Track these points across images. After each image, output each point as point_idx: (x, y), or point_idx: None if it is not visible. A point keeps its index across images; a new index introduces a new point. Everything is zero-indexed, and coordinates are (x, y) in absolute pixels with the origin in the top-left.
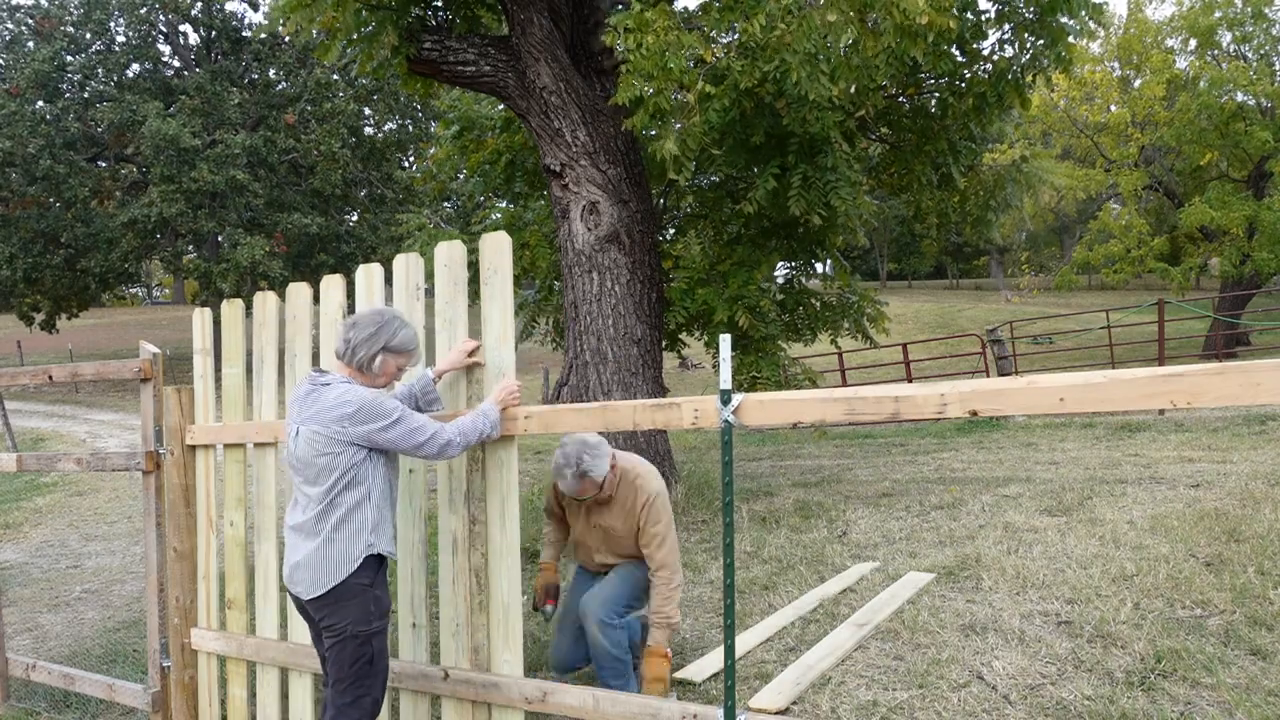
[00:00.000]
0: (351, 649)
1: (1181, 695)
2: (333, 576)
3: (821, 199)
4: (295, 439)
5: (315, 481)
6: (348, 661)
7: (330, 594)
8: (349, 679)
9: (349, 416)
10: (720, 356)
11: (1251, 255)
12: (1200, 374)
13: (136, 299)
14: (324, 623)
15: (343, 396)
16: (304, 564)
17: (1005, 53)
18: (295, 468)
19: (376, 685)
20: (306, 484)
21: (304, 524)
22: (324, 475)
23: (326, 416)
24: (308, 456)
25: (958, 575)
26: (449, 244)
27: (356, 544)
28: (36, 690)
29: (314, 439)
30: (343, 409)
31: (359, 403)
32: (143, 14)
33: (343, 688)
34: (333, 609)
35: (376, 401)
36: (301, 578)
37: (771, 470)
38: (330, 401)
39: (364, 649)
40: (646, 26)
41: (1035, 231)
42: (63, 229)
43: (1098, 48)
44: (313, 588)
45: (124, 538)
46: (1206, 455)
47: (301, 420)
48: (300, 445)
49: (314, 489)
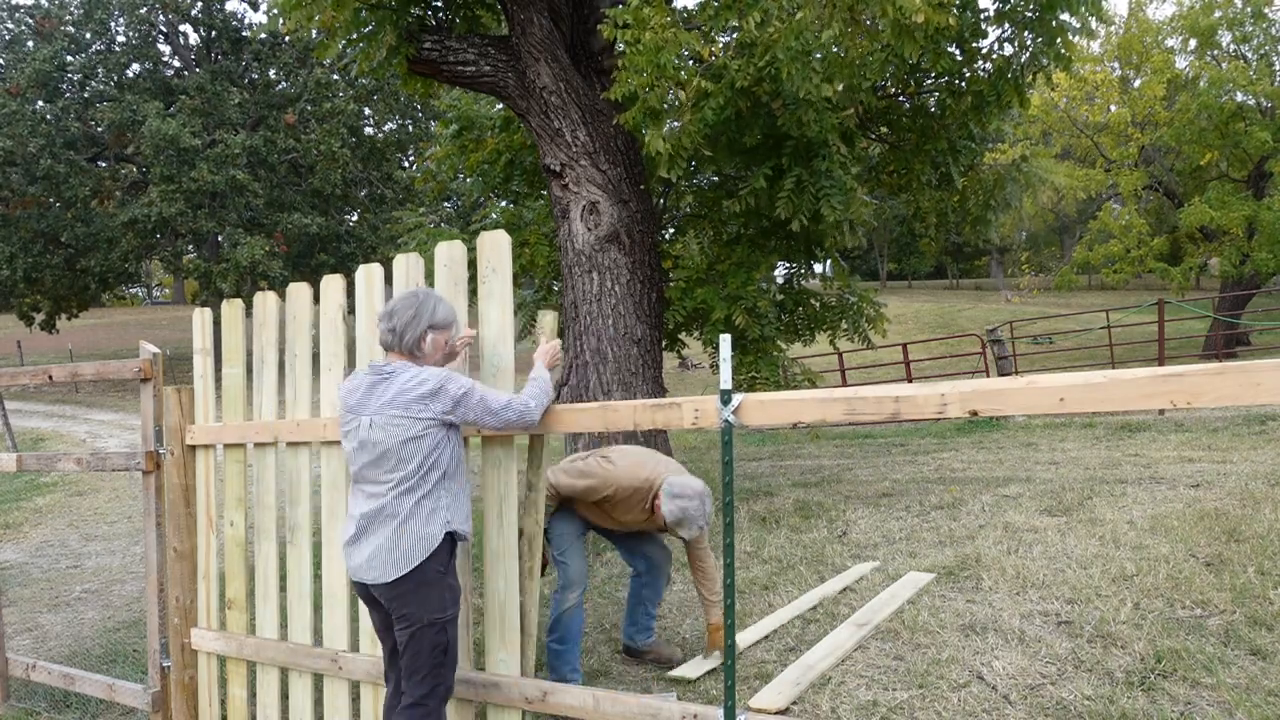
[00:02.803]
0: (429, 638)
1: (1181, 695)
2: (409, 560)
3: (811, 205)
4: (368, 429)
5: (396, 467)
6: (426, 650)
7: (408, 579)
8: (426, 668)
9: (431, 394)
10: (720, 356)
11: (1251, 255)
12: (1200, 374)
13: (136, 299)
14: (398, 611)
15: (418, 376)
16: (380, 549)
17: (1005, 51)
18: (366, 459)
19: (450, 673)
20: (383, 471)
21: (376, 511)
22: (407, 459)
23: (406, 398)
24: (389, 443)
25: (958, 575)
26: (449, 243)
27: (434, 524)
28: (36, 690)
29: (395, 423)
30: (421, 388)
31: (437, 380)
32: (143, 14)
33: (420, 678)
34: (409, 597)
35: (451, 376)
36: (376, 563)
37: (771, 470)
38: (406, 384)
39: (440, 637)
40: (644, 23)
41: (1035, 231)
42: (63, 229)
43: (1098, 47)
44: (388, 571)
45: (124, 538)
46: (1206, 455)
47: (374, 410)
48: (378, 433)
49: (394, 474)
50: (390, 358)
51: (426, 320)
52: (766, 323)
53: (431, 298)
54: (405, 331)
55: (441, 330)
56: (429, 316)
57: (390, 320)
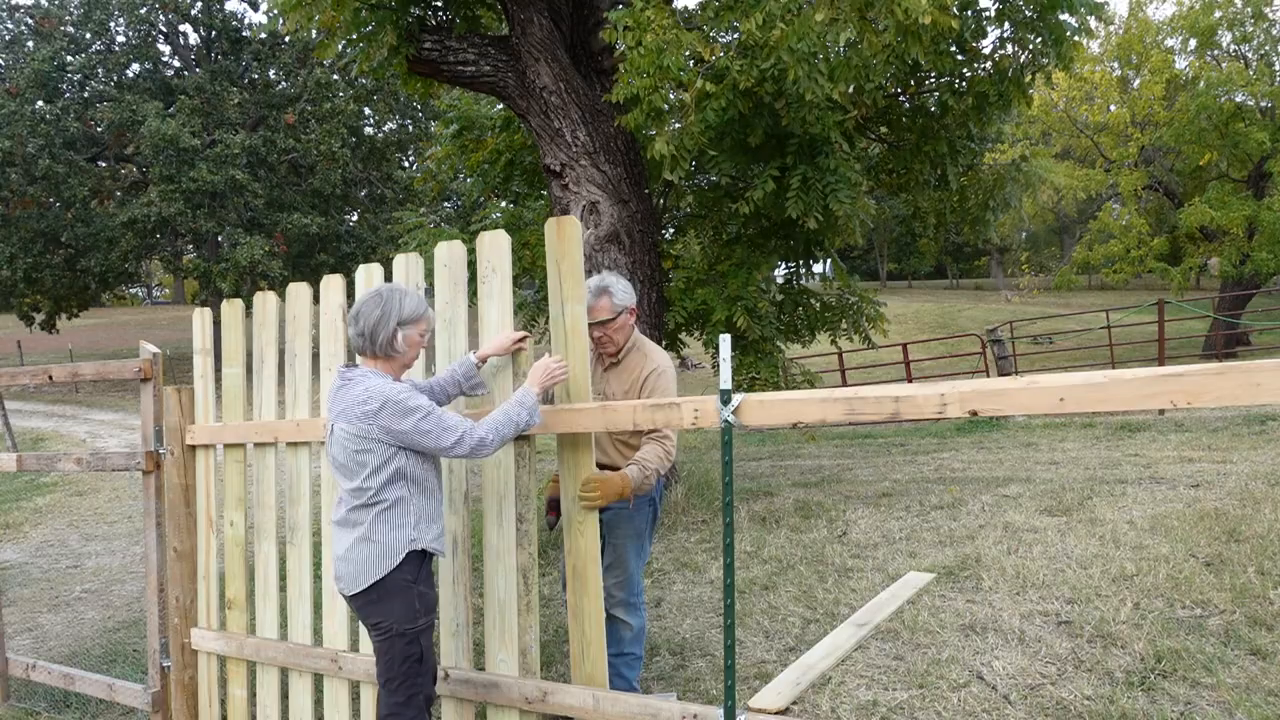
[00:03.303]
0: (400, 647)
1: (1181, 695)
2: (373, 572)
3: (820, 201)
4: (331, 435)
5: (350, 477)
6: (397, 660)
7: (372, 590)
8: (400, 678)
9: (372, 414)
10: (720, 356)
11: (1251, 255)
12: (1200, 374)
13: (136, 299)
14: (367, 620)
15: (367, 392)
16: (344, 560)
17: (1006, 50)
18: (332, 464)
19: (428, 682)
20: (343, 479)
21: (343, 519)
22: (357, 471)
23: (352, 413)
24: (339, 454)
25: (958, 575)
26: (449, 244)
27: (398, 539)
28: (36, 690)
29: (344, 436)
30: (366, 405)
31: (381, 399)
32: (143, 14)
33: (394, 687)
34: (375, 606)
35: (400, 398)
36: (343, 573)
37: (771, 470)
38: (355, 397)
39: (412, 647)
40: (645, 25)
41: (1035, 231)
42: (63, 229)
43: (1097, 47)
44: (354, 584)
45: (124, 538)
46: (1206, 455)
47: (333, 417)
48: (333, 443)
49: (349, 484)
50: (364, 362)
51: (395, 317)
52: (767, 323)
53: (396, 293)
54: (375, 333)
55: (413, 325)
56: (396, 313)
57: (357, 324)
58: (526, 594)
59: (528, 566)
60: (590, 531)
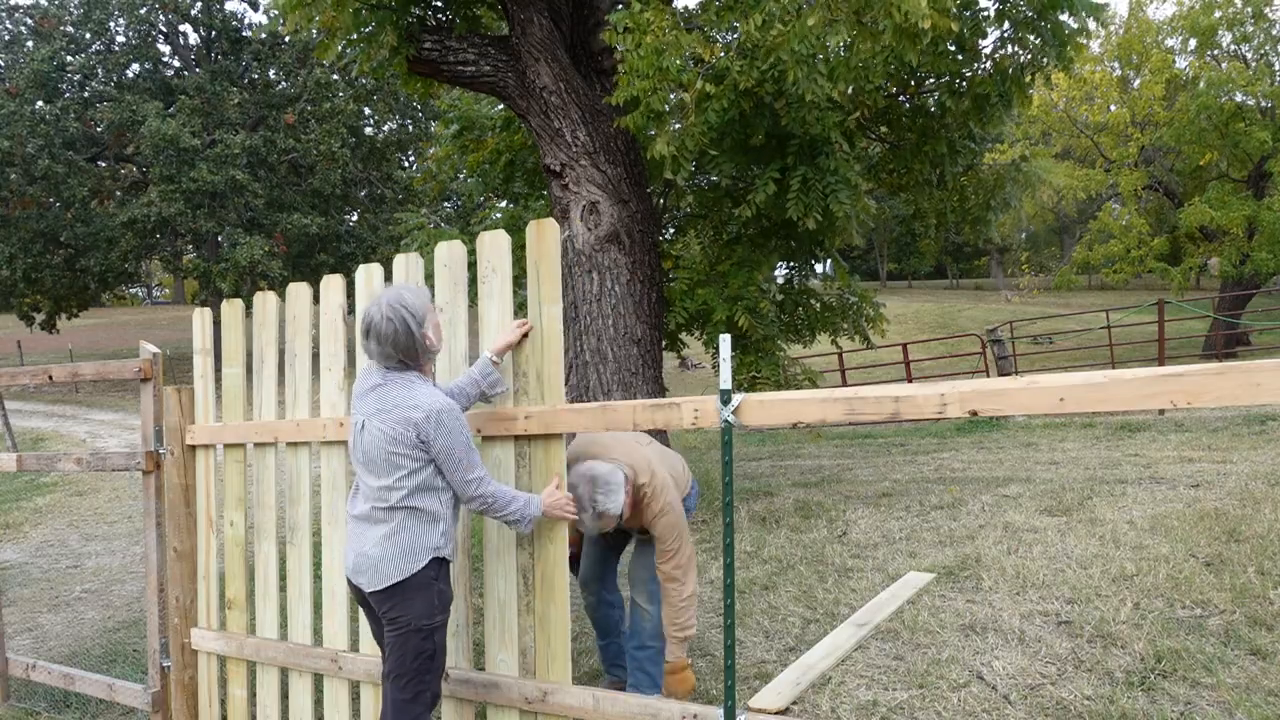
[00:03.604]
0: (415, 643)
1: (1181, 695)
2: (399, 571)
3: (820, 203)
4: (361, 431)
5: (379, 475)
6: (410, 655)
7: (397, 587)
8: (410, 673)
9: (417, 422)
10: (720, 356)
11: (1251, 255)
12: (1200, 374)
13: (136, 299)
14: (387, 615)
15: (414, 398)
16: (369, 556)
17: (1006, 50)
18: (361, 460)
19: (436, 679)
20: (372, 476)
21: (367, 515)
22: (389, 470)
23: (393, 416)
24: (374, 451)
25: (958, 575)
26: (449, 244)
27: (424, 543)
28: (36, 690)
29: (380, 435)
30: (412, 413)
31: (428, 409)
32: (143, 14)
33: (403, 682)
34: (398, 602)
35: (445, 415)
36: (366, 569)
37: (771, 470)
38: (401, 400)
39: (426, 644)
40: (645, 26)
41: (1035, 231)
42: (62, 229)
43: (1098, 47)
44: (377, 580)
45: (124, 538)
46: (1206, 455)
47: (369, 413)
48: (367, 439)
49: (378, 481)
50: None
51: (415, 324)
52: (767, 323)
53: (400, 299)
54: (404, 345)
55: (429, 321)
56: (415, 320)
57: (379, 344)
58: (526, 594)
59: (528, 566)
60: (559, 538)
